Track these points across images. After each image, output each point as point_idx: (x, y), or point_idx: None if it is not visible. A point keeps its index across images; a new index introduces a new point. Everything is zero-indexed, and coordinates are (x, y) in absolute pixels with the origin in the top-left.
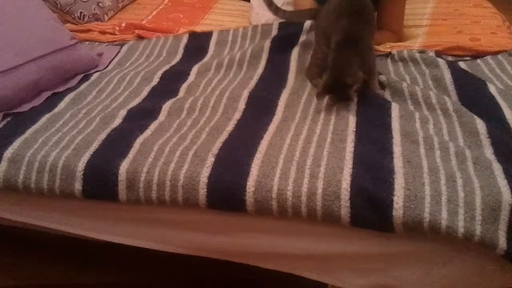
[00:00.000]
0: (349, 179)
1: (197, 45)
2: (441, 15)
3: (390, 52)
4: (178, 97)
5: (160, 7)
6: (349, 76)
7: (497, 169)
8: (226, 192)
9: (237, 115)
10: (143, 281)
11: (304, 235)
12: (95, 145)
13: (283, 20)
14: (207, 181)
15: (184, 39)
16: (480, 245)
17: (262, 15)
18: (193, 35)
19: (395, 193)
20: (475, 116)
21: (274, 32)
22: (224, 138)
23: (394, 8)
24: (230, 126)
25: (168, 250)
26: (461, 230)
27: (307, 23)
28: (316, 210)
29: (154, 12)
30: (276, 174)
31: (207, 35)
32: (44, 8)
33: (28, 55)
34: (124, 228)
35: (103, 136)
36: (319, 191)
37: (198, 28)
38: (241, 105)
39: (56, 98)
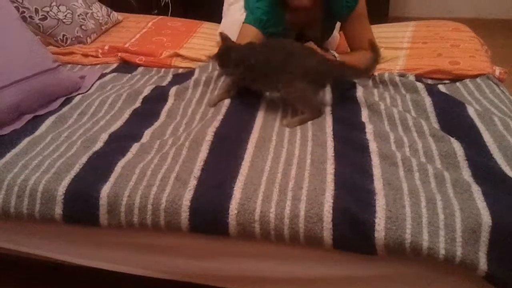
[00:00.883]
0: (331, 201)
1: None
2: (422, 38)
3: (372, 74)
4: (160, 121)
5: (144, 30)
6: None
7: (476, 191)
8: (208, 215)
9: (215, 123)
10: None
11: (287, 259)
12: (76, 169)
13: None
14: (189, 204)
15: (169, 78)
16: (461, 266)
17: None
18: (176, 75)
19: (376, 215)
20: (452, 139)
21: None
22: (205, 154)
23: (357, 27)
24: (209, 141)
25: (150, 275)
26: (442, 251)
27: None
28: (298, 233)
29: (138, 35)
30: (259, 197)
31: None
32: (26, 30)
33: (10, 78)
34: (105, 252)
35: (84, 159)
36: (302, 213)
37: (182, 51)
38: (216, 123)
39: (37, 121)
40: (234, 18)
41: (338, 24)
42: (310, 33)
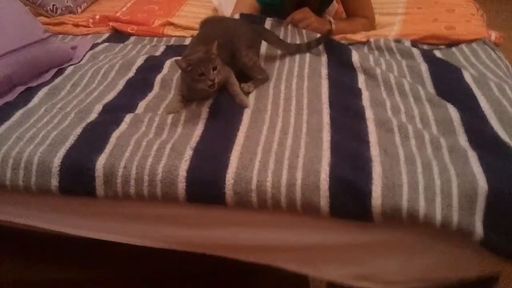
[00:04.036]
0: (328, 169)
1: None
2: (416, 3)
3: (367, 40)
4: (154, 93)
5: None
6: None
7: (472, 156)
8: (205, 185)
9: (208, 103)
10: (124, 276)
11: (284, 227)
12: (70, 140)
13: None
14: (186, 174)
15: (161, 48)
16: (457, 232)
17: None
18: (169, 46)
19: (373, 182)
20: (449, 105)
21: None
22: (201, 131)
23: None
24: (204, 116)
25: (148, 245)
26: (438, 217)
27: None
28: (295, 201)
29: (129, 4)
30: (255, 166)
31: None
32: (16, 1)
33: (1, 48)
34: (102, 223)
35: (78, 131)
36: (299, 181)
37: (174, 20)
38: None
39: (30, 93)
40: None
41: None
42: (309, 5)
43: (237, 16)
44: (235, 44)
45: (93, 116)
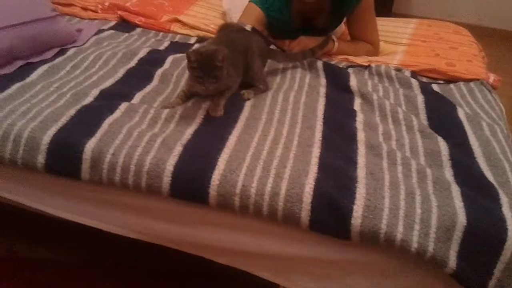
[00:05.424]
0: (313, 183)
1: (180, 45)
2: (421, 36)
3: (368, 65)
4: (152, 85)
5: None
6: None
7: (455, 191)
8: (190, 183)
9: (206, 105)
10: (100, 262)
11: (262, 234)
12: (63, 120)
13: None
14: (172, 169)
15: (166, 43)
16: (431, 262)
17: (234, 18)
18: (174, 43)
19: (355, 202)
20: (439, 138)
21: None
22: (194, 129)
23: (362, 19)
24: (199, 118)
25: (126, 234)
26: (414, 245)
27: None
28: (277, 210)
29: None
30: (242, 171)
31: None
32: None
33: (5, 20)
34: (84, 207)
35: (72, 112)
36: (283, 191)
37: (182, 18)
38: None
39: (29, 68)
40: None
41: None
42: (317, 23)
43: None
44: (250, 53)
45: (88, 99)
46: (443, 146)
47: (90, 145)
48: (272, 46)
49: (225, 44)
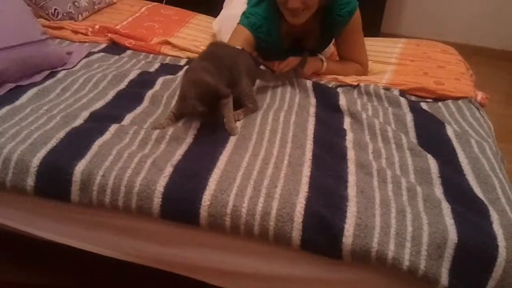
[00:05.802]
0: (304, 202)
1: (170, 66)
2: (409, 56)
3: (357, 84)
4: (142, 107)
5: (136, 15)
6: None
7: (446, 208)
8: (181, 204)
9: (196, 125)
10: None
11: (254, 255)
12: (52, 143)
13: None
14: (163, 190)
15: (156, 65)
16: (423, 279)
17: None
18: (164, 65)
19: (346, 220)
20: (429, 156)
21: None
22: (184, 150)
23: (350, 39)
24: (190, 138)
25: (116, 257)
26: (406, 263)
27: None
28: (268, 230)
29: (130, 19)
30: (233, 191)
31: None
32: (19, 0)
33: None
34: (74, 230)
35: (62, 134)
36: (273, 211)
37: (172, 40)
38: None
39: (19, 91)
40: (234, 12)
41: None
42: (306, 45)
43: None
44: (236, 69)
45: (78, 122)
46: (432, 164)
47: (80, 167)
48: (261, 67)
49: (211, 59)
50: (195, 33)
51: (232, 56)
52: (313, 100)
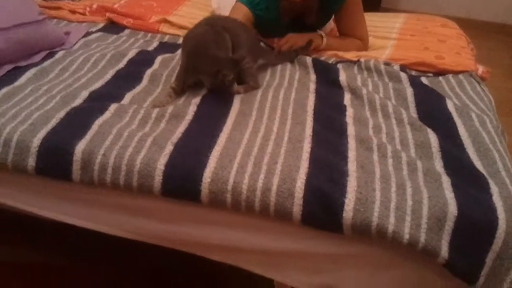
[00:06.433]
0: (304, 178)
1: (169, 45)
2: (410, 31)
3: (358, 60)
4: (142, 86)
5: None
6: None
7: (446, 182)
8: (182, 181)
9: (197, 103)
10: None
11: (255, 230)
12: (52, 123)
13: None
14: (163, 168)
15: (155, 44)
16: (423, 252)
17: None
18: (163, 43)
19: (347, 195)
20: (429, 130)
21: None
22: (184, 128)
23: (350, 15)
24: (190, 115)
25: (118, 234)
26: (406, 236)
27: None
28: (269, 206)
29: None
30: (233, 167)
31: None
32: None
33: None
34: (76, 208)
35: (62, 114)
36: (274, 187)
37: (171, 18)
38: (197, 99)
39: (17, 72)
40: None
41: None
42: (305, 21)
43: None
44: (237, 43)
45: (78, 101)
46: (433, 138)
47: (81, 147)
48: (261, 44)
49: (211, 26)
50: (194, 11)
51: (234, 28)
52: (313, 77)
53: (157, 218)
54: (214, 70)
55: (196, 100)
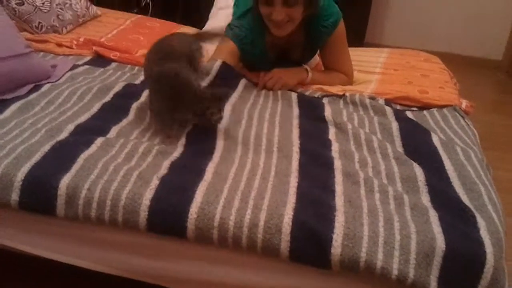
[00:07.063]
0: (292, 213)
1: None
2: (393, 65)
3: (343, 94)
4: (128, 119)
5: (121, 27)
6: None
7: (433, 216)
8: (167, 217)
9: (183, 140)
10: None
11: (242, 267)
12: (37, 157)
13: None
14: (149, 203)
15: (141, 77)
16: None
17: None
18: None
19: (335, 230)
20: (415, 164)
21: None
22: (170, 162)
23: (335, 50)
24: (177, 152)
25: (103, 270)
26: (395, 272)
27: None
28: (256, 242)
29: (115, 31)
30: (220, 203)
31: None
32: (2, 13)
33: None
34: (59, 244)
35: (46, 148)
36: (261, 223)
37: None
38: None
39: (2, 104)
40: (219, 24)
41: None
42: (291, 56)
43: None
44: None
45: (63, 135)
46: (419, 172)
47: (65, 181)
48: (242, 82)
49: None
50: None
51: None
52: (296, 111)
53: (142, 254)
54: (200, 109)
55: (183, 137)
